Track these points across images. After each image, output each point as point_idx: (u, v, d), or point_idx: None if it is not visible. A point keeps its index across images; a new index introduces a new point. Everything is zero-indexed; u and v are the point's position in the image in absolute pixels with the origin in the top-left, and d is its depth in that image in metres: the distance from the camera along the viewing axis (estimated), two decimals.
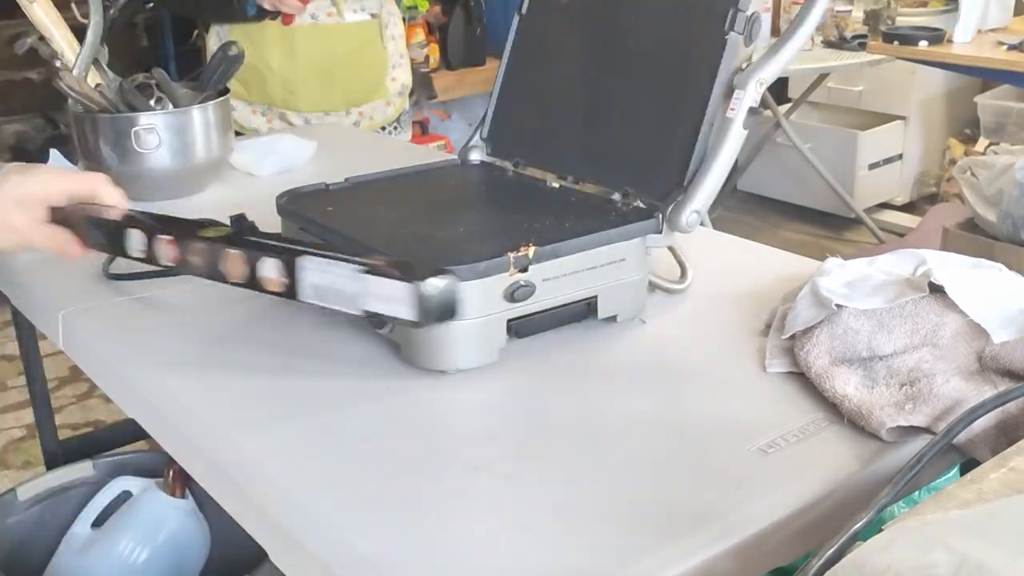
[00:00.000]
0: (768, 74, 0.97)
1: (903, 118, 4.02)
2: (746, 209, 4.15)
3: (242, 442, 0.84)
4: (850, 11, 3.67)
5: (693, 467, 0.78)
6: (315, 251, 0.80)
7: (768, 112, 3.70)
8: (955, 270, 0.96)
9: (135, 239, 0.92)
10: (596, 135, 1.10)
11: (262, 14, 1.88)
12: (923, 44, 3.09)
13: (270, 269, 0.80)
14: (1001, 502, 0.58)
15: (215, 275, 0.86)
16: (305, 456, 0.82)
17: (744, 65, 0.98)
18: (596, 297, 0.98)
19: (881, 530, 0.56)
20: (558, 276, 0.94)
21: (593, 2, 1.14)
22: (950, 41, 3.10)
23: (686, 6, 1.03)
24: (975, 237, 3.08)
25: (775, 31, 3.71)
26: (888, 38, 3.22)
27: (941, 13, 3.39)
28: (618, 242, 0.98)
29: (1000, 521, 0.53)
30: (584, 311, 0.98)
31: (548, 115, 1.17)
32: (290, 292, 0.80)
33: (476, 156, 1.24)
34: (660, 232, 0.99)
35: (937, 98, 4.03)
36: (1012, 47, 2.97)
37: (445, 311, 0.74)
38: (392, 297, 0.73)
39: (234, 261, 0.83)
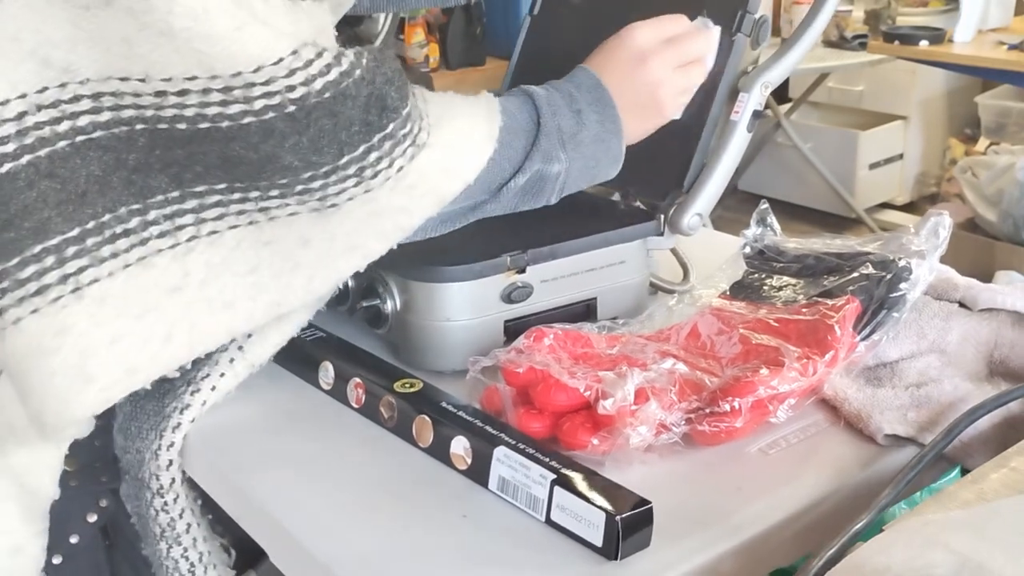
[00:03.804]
0: (774, 77, 0.97)
1: (903, 118, 4.02)
2: (746, 209, 4.10)
3: (240, 444, 0.84)
4: (850, 11, 3.66)
5: (694, 467, 0.78)
6: (512, 442, 0.74)
7: (769, 112, 3.70)
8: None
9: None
10: None
11: None
12: (924, 44, 3.09)
13: (460, 446, 0.76)
14: (1001, 502, 0.58)
15: (401, 433, 0.82)
16: (304, 456, 0.82)
17: (749, 67, 0.98)
18: (595, 299, 0.97)
19: (882, 530, 0.56)
20: (556, 278, 0.94)
21: (602, 3, 1.13)
22: (950, 41, 3.10)
23: (694, 7, 1.03)
24: (975, 237, 3.09)
25: (775, 31, 3.70)
26: (888, 38, 3.22)
27: (941, 13, 3.39)
28: (618, 244, 0.97)
29: (1000, 521, 0.53)
30: (583, 313, 0.97)
31: None
32: (476, 475, 0.75)
33: None
34: (661, 234, 0.99)
35: (937, 98, 4.03)
36: (1012, 47, 2.97)
37: (635, 547, 0.67)
38: (582, 517, 0.68)
39: (424, 428, 0.80)
